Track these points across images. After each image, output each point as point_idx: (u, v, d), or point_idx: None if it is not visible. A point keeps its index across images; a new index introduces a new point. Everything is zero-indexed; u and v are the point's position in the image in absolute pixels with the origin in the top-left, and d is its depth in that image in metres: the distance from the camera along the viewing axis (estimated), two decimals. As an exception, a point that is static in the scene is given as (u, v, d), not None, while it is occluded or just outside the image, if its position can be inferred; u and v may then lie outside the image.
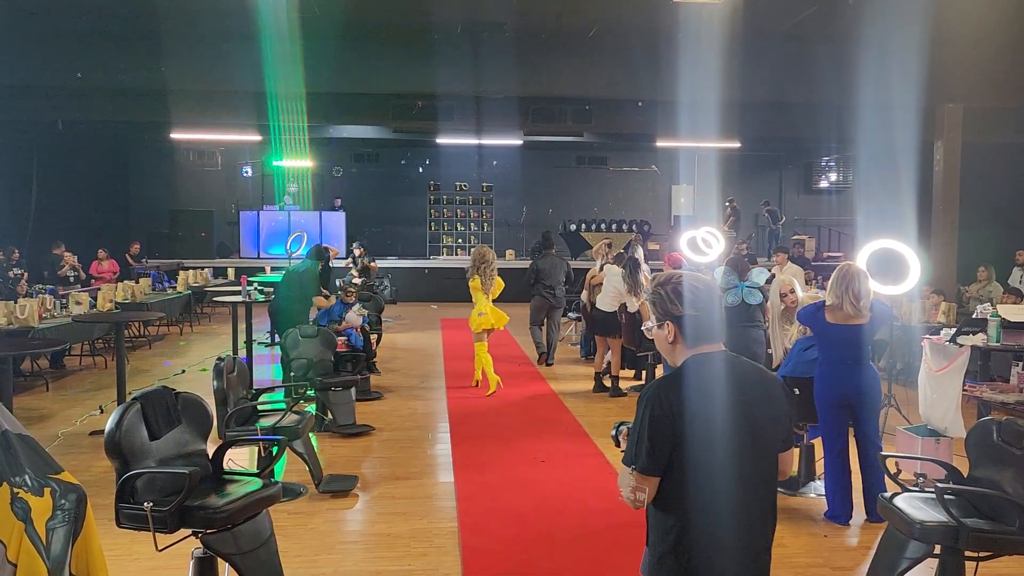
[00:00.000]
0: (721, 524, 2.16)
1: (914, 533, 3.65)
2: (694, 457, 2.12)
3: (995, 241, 12.81)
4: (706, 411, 2.14)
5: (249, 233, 18.46)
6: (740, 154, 18.64)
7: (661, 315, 2.30)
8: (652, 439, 2.12)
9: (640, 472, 2.13)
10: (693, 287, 2.28)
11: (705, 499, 2.14)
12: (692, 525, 2.15)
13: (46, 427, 6.94)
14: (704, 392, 2.17)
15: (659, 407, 2.14)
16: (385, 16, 11.24)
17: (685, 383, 2.18)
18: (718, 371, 2.22)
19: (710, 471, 2.13)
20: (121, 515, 3.36)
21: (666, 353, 2.34)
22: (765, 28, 11.11)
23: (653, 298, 2.32)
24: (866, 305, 4.77)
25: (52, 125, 14.59)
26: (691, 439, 2.12)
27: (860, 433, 4.92)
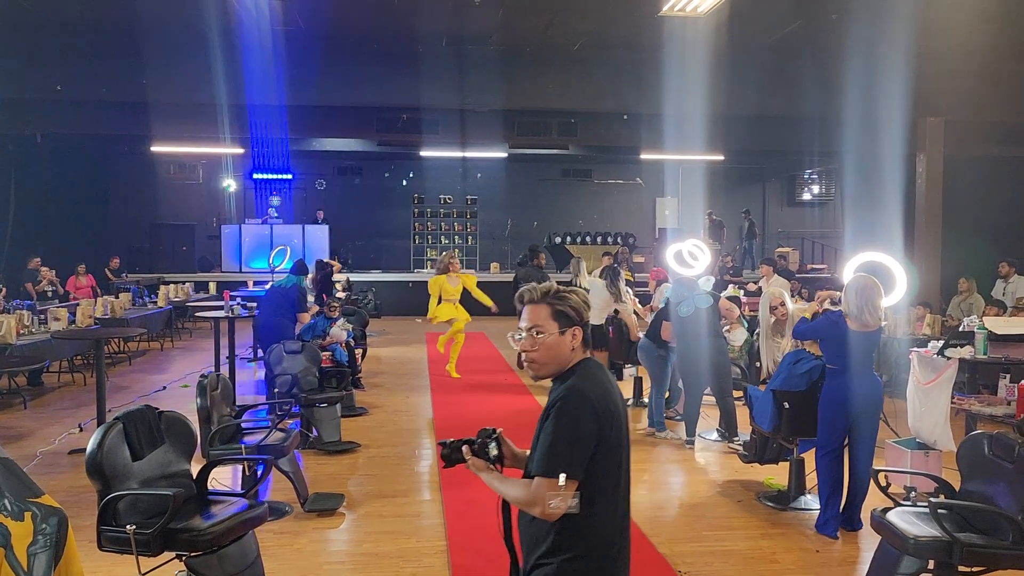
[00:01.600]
0: (622, 523, 2.26)
1: (908, 548, 3.63)
2: (609, 459, 2.18)
3: (978, 254, 12.91)
4: (615, 412, 2.21)
5: (231, 247, 18.28)
6: (724, 167, 18.75)
7: (572, 320, 2.29)
8: (575, 444, 2.12)
9: (571, 479, 2.11)
10: (586, 296, 2.37)
11: (614, 500, 2.21)
12: (606, 526, 2.20)
13: (24, 446, 6.80)
14: (609, 394, 2.24)
15: (588, 411, 2.15)
16: (369, 29, 11.22)
17: (597, 386, 2.22)
18: (604, 373, 2.32)
19: (617, 471, 2.22)
20: (103, 538, 3.27)
21: (556, 360, 2.29)
22: (749, 42, 11.20)
23: (563, 306, 2.29)
24: (880, 315, 4.90)
25: (31, 138, 14.42)
26: (607, 441, 2.17)
27: (857, 443, 4.91)
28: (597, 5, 9.98)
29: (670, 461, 6.56)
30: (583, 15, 10.53)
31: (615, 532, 2.22)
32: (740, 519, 5.20)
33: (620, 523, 2.25)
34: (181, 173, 19.71)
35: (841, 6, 9.62)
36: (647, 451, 6.84)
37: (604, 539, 2.19)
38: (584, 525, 2.16)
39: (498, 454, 2.35)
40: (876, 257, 6.21)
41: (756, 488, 5.79)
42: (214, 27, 10.44)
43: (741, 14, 9.54)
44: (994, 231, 14.40)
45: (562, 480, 2.09)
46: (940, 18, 9.95)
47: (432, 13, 10.32)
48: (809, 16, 10.12)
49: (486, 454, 2.34)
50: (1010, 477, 3.65)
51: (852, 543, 4.80)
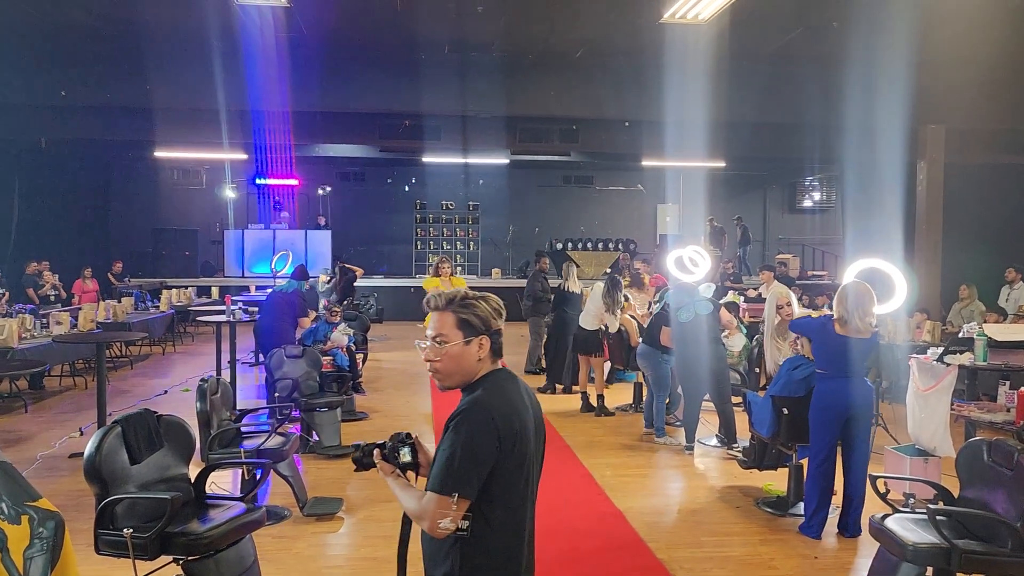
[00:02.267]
0: (528, 541, 2.19)
1: (906, 555, 3.63)
2: (511, 476, 2.10)
3: (979, 261, 12.92)
4: (519, 428, 2.11)
5: (234, 252, 18.33)
6: (725, 173, 18.78)
7: (478, 329, 2.18)
8: (473, 462, 2.03)
9: (464, 498, 2.03)
10: (499, 303, 2.26)
11: (518, 518, 2.14)
12: (510, 544, 2.13)
13: (24, 449, 6.81)
14: (515, 408, 2.14)
15: (487, 427, 2.05)
16: (372, 35, 11.25)
17: (502, 400, 2.13)
18: (514, 386, 2.22)
19: (523, 488, 2.14)
20: (100, 541, 3.28)
21: (462, 371, 2.19)
22: (750, 49, 11.22)
23: (470, 313, 2.18)
24: (872, 322, 4.85)
25: (35, 143, 14.47)
26: (509, 458, 2.08)
27: (851, 449, 4.91)
28: (598, 13, 10.00)
29: (669, 467, 6.56)
30: (584, 22, 10.56)
31: (520, 550, 2.15)
32: (739, 525, 5.19)
33: (526, 540, 2.18)
34: (185, 178, 19.77)
35: (842, 14, 9.64)
36: (646, 456, 6.84)
37: (509, 557, 2.13)
38: (486, 543, 2.09)
39: (411, 460, 2.24)
40: (875, 264, 6.22)
41: (755, 494, 5.78)
42: (217, 33, 10.48)
43: (742, 22, 9.56)
44: (995, 238, 14.40)
45: (454, 499, 2.02)
46: (941, 26, 9.97)
47: (434, 20, 10.35)
48: (810, 24, 10.14)
49: (396, 459, 2.24)
50: (1009, 484, 3.65)
51: (851, 549, 4.79)
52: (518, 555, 2.14)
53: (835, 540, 4.92)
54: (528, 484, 2.15)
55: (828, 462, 4.92)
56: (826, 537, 4.94)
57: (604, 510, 5.43)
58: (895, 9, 9.24)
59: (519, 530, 2.14)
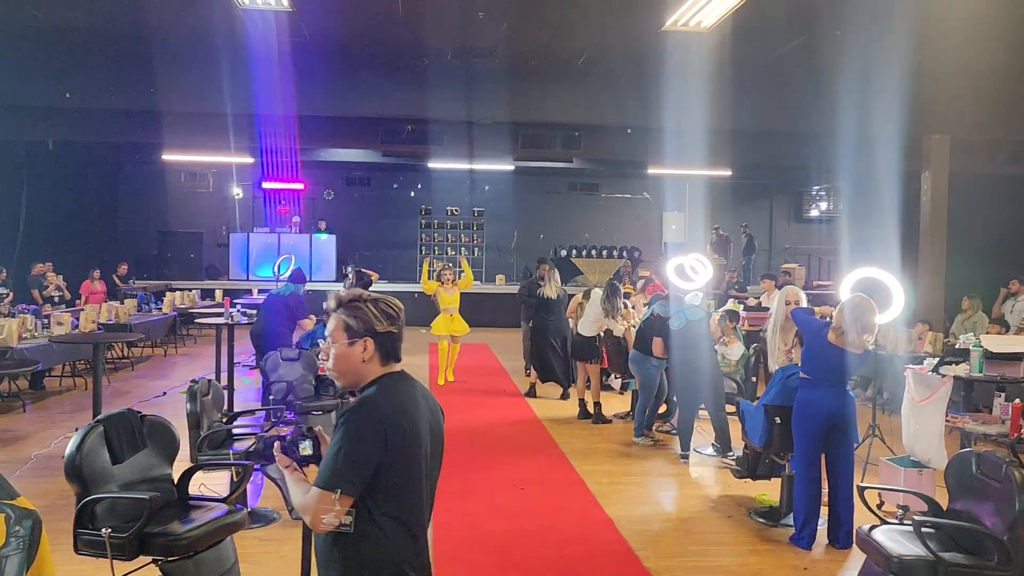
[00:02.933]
0: (419, 545, 2.21)
1: (892, 567, 3.60)
2: (399, 475, 2.13)
3: (983, 272, 12.84)
4: (410, 430, 2.15)
5: (238, 255, 18.39)
6: (731, 182, 18.72)
7: (360, 331, 2.22)
8: (356, 460, 2.06)
9: (346, 495, 2.06)
10: (393, 306, 2.29)
11: (403, 516, 2.16)
12: (397, 547, 2.15)
13: (20, 448, 6.83)
14: (405, 410, 2.17)
15: (373, 427, 2.09)
16: (375, 41, 11.29)
17: (388, 400, 2.17)
18: (409, 388, 2.26)
19: (413, 492, 2.17)
20: (79, 541, 3.28)
21: (350, 371, 2.24)
22: (753, 57, 11.21)
23: (352, 315, 2.22)
24: (870, 340, 4.82)
25: (42, 144, 14.56)
26: (397, 460, 2.11)
27: (835, 459, 4.89)
28: (600, 20, 10.01)
29: (663, 475, 6.53)
30: (586, 30, 10.56)
31: (408, 548, 2.17)
32: (730, 535, 5.16)
33: (417, 539, 2.20)
34: (191, 181, 19.84)
35: (845, 23, 9.61)
36: (640, 464, 6.81)
37: (396, 554, 2.15)
38: (373, 539, 2.12)
39: (312, 454, 2.25)
40: (873, 273, 6.19)
41: (748, 504, 5.74)
42: (222, 37, 10.54)
43: (744, 30, 9.54)
44: (999, 250, 14.32)
45: (337, 495, 2.05)
46: (945, 36, 9.93)
47: (437, 26, 10.38)
48: (813, 32, 10.11)
49: (295, 452, 2.26)
50: (997, 496, 3.61)
51: (840, 561, 4.75)
52: (406, 552, 2.17)
53: (826, 551, 4.89)
54: (418, 484, 2.18)
55: (812, 471, 4.90)
56: (817, 548, 4.91)
57: (594, 517, 5.41)
58: (899, 18, 9.20)
59: (407, 528, 2.16)
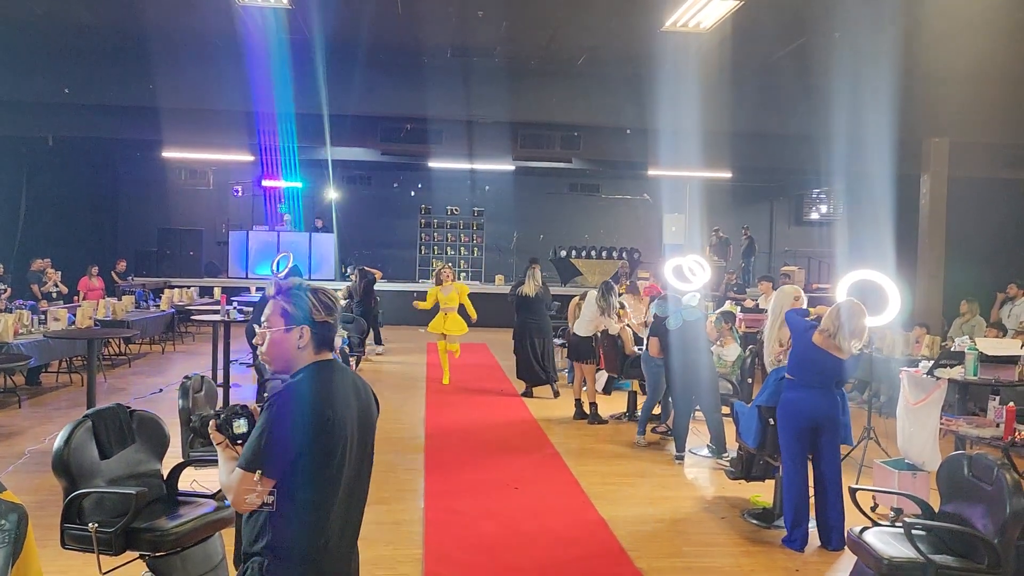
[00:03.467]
0: (342, 534, 2.25)
1: (882, 569, 3.59)
2: (318, 462, 2.15)
3: (981, 276, 12.83)
4: (335, 418, 2.17)
5: (238, 253, 18.39)
6: (731, 184, 18.72)
7: (298, 319, 2.25)
8: (277, 444, 2.10)
9: (266, 477, 2.10)
10: (331, 297, 2.33)
11: (326, 502, 2.19)
12: (317, 533, 2.18)
13: (14, 444, 6.83)
14: (332, 399, 2.20)
15: (297, 412, 2.12)
16: (374, 39, 11.28)
17: (313, 388, 2.19)
18: (339, 378, 2.29)
19: (337, 478, 2.19)
20: (66, 535, 3.28)
21: (283, 357, 2.28)
22: (752, 59, 11.20)
23: (291, 303, 2.27)
24: (857, 345, 4.79)
25: (42, 141, 14.56)
26: (320, 446, 2.14)
27: (820, 461, 4.88)
28: (600, 20, 10.00)
29: (658, 476, 6.51)
30: (586, 30, 10.56)
31: (329, 540, 2.20)
32: (722, 536, 5.15)
33: (339, 526, 2.23)
34: (192, 179, 19.83)
35: (845, 25, 9.60)
36: (635, 465, 6.80)
37: (316, 538, 2.17)
38: (293, 522, 2.15)
39: (245, 432, 2.26)
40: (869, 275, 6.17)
41: (742, 505, 5.73)
42: (221, 34, 10.54)
43: (744, 32, 9.54)
44: (997, 253, 14.31)
45: (258, 476, 2.09)
46: (944, 40, 9.92)
47: (436, 24, 10.38)
48: (812, 34, 10.09)
49: (229, 430, 2.28)
50: (988, 499, 3.60)
51: (833, 563, 4.74)
52: (326, 538, 2.19)
53: (818, 553, 4.87)
54: (341, 471, 2.20)
55: (797, 472, 4.89)
56: (810, 550, 4.90)
57: (587, 518, 5.40)
58: (898, 22, 9.20)
59: (328, 514, 2.19)
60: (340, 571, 2.27)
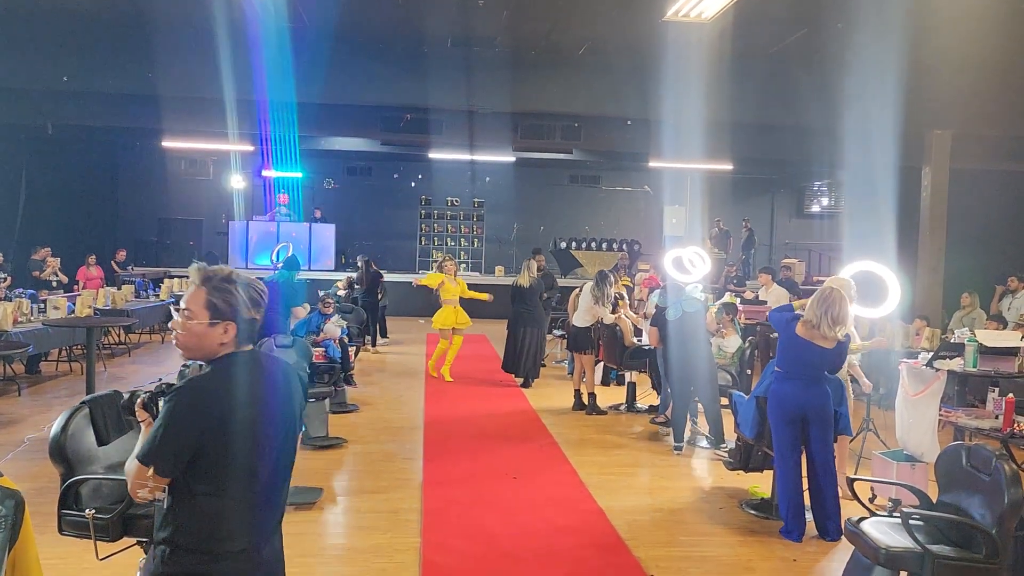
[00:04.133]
0: (246, 520, 2.15)
1: (879, 558, 3.58)
2: (221, 458, 2.08)
3: (982, 268, 12.81)
4: (240, 412, 2.10)
5: (238, 243, 18.37)
6: (732, 176, 18.68)
7: (225, 314, 2.17)
8: (176, 440, 2.03)
9: (158, 474, 2.05)
10: (261, 292, 2.25)
11: (228, 499, 2.11)
12: (213, 523, 2.11)
13: (13, 432, 6.83)
14: (233, 393, 2.12)
15: (195, 409, 2.06)
16: (374, 28, 11.24)
17: (220, 383, 2.13)
18: (253, 370, 2.20)
19: (233, 470, 2.11)
20: (63, 522, 3.27)
21: (200, 348, 2.20)
22: (753, 50, 11.16)
23: (221, 297, 2.17)
24: (842, 331, 4.77)
25: (41, 129, 14.53)
26: (219, 444, 2.07)
27: (811, 452, 4.89)
28: (600, 10, 9.96)
29: (656, 467, 6.51)
30: (586, 19, 10.52)
31: (234, 535, 2.12)
32: (720, 526, 5.15)
33: (245, 528, 2.15)
34: (191, 169, 19.81)
35: (847, 16, 9.56)
36: (634, 456, 6.80)
37: (216, 541, 2.11)
38: (194, 517, 2.09)
39: None
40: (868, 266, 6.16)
41: (741, 496, 5.73)
42: (220, 21, 10.48)
43: (745, 22, 9.50)
44: (998, 246, 14.29)
45: (150, 471, 2.04)
46: (947, 31, 9.88)
47: (436, 14, 10.34)
48: (814, 25, 10.06)
49: (154, 410, 2.25)
50: (986, 489, 3.60)
51: (830, 553, 4.74)
52: (229, 533, 2.12)
53: (816, 544, 4.87)
54: (248, 467, 2.13)
55: (787, 463, 4.90)
56: (808, 540, 4.90)
57: (585, 507, 5.40)
58: (900, 13, 9.15)
59: (231, 510, 2.12)
60: (248, 566, 2.17)
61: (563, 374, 10.62)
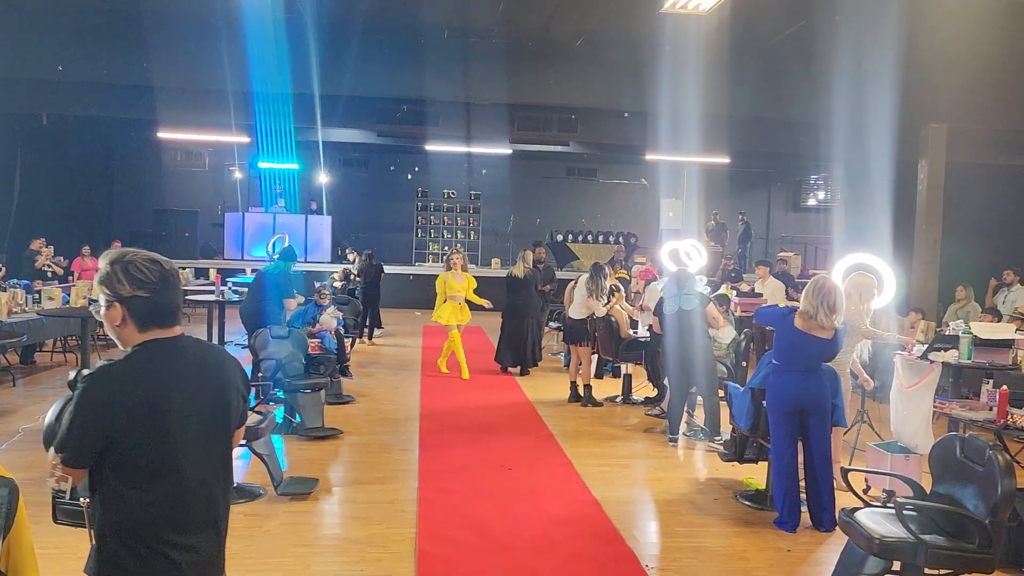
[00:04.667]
0: (174, 509, 2.09)
1: (873, 548, 3.60)
2: (137, 448, 2.03)
3: (977, 261, 12.84)
4: (154, 401, 2.05)
5: (234, 235, 18.33)
6: (729, 170, 18.67)
7: (110, 296, 2.12)
8: (84, 430, 2.00)
9: (65, 465, 2.01)
10: (146, 267, 2.13)
11: (148, 490, 2.06)
12: (141, 513, 2.06)
13: (8, 422, 6.82)
14: (144, 382, 2.06)
15: (99, 397, 2.01)
16: (370, 18, 11.19)
17: (132, 370, 2.07)
18: (170, 357, 2.13)
19: (149, 462, 2.05)
20: (57, 510, 3.28)
21: (116, 338, 2.16)
22: (751, 43, 11.15)
23: (102, 278, 2.12)
24: (839, 319, 4.79)
25: (36, 119, 14.47)
26: (133, 434, 2.02)
27: (808, 443, 4.90)
28: (598, 1, 9.95)
29: (651, 458, 6.53)
30: (584, 11, 10.49)
31: (159, 526, 2.07)
32: (715, 517, 5.16)
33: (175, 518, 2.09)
34: (187, 160, 19.75)
35: (844, 9, 9.54)
36: (629, 447, 6.82)
37: (143, 530, 2.06)
38: (117, 510, 2.05)
39: None
40: (864, 259, 6.18)
41: (735, 487, 5.75)
42: (217, 12, 10.44)
43: (742, 14, 9.49)
44: (993, 239, 14.32)
45: (57, 460, 2.01)
46: (943, 25, 9.88)
47: (434, 4, 10.30)
48: (811, 18, 10.04)
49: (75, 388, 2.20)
50: (980, 480, 3.61)
51: (824, 544, 4.75)
52: (153, 523, 2.07)
53: (810, 534, 4.89)
54: (162, 460, 2.07)
55: (784, 455, 4.91)
56: (801, 531, 4.92)
57: (580, 498, 5.41)
58: (897, 6, 9.15)
59: (156, 505, 2.07)
60: (177, 555, 2.10)
61: (559, 366, 10.62)
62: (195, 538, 2.14)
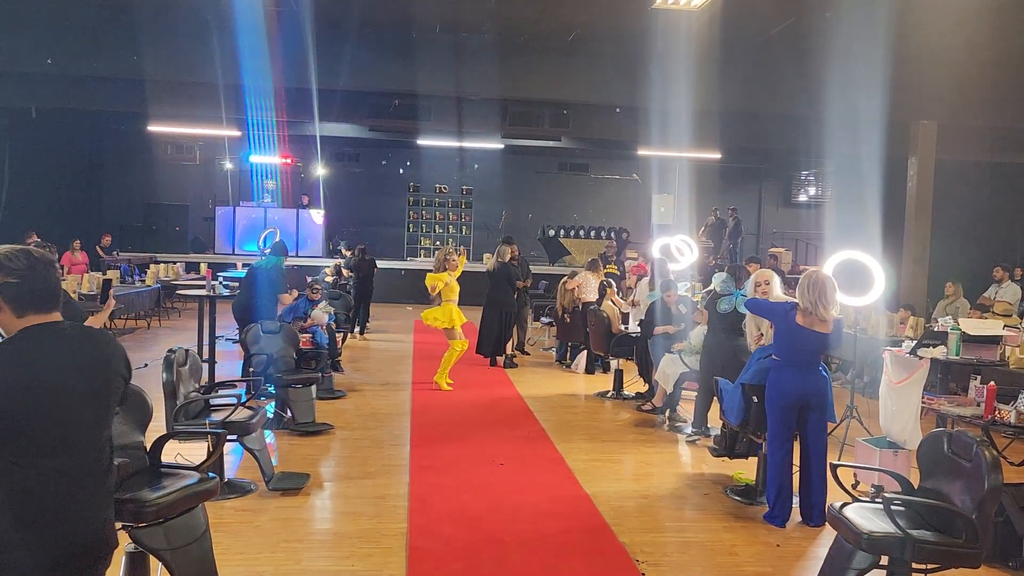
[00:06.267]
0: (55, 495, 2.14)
1: (861, 543, 3.62)
2: (24, 424, 2.09)
3: (966, 257, 12.93)
4: (32, 384, 2.10)
5: (224, 229, 18.27)
6: (720, 165, 18.71)
7: None
8: None
9: None
10: (13, 255, 2.20)
11: (27, 477, 2.10)
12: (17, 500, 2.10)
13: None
14: (21, 367, 2.12)
15: None
16: (362, 12, 11.16)
17: (10, 351, 2.13)
18: (48, 342, 2.19)
19: (24, 445, 2.10)
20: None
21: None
22: (742, 38, 11.17)
23: None
24: (833, 313, 4.82)
25: (26, 112, 14.37)
26: (16, 407, 2.08)
27: (807, 438, 4.93)
28: (591, -4, 9.95)
29: (643, 453, 6.55)
30: (576, 6, 10.49)
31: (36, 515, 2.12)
32: (705, 512, 5.19)
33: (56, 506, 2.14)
34: (178, 154, 19.67)
35: (834, 5, 9.57)
36: (620, 443, 6.84)
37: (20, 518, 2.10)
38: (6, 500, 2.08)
39: None
40: (854, 256, 6.21)
41: (725, 482, 5.78)
42: (207, 5, 10.39)
43: (734, 10, 9.50)
44: (982, 236, 14.41)
45: None
46: (933, 23, 9.92)
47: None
48: (802, 14, 10.07)
49: None
50: (967, 476, 3.64)
51: (813, 538, 4.79)
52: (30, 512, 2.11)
53: (799, 529, 4.93)
54: (41, 440, 2.12)
55: (782, 450, 4.94)
56: (791, 526, 4.95)
57: (571, 493, 5.43)
58: (887, 4, 9.18)
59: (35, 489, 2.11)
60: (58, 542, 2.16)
61: (550, 361, 10.65)
62: (80, 523, 2.20)
